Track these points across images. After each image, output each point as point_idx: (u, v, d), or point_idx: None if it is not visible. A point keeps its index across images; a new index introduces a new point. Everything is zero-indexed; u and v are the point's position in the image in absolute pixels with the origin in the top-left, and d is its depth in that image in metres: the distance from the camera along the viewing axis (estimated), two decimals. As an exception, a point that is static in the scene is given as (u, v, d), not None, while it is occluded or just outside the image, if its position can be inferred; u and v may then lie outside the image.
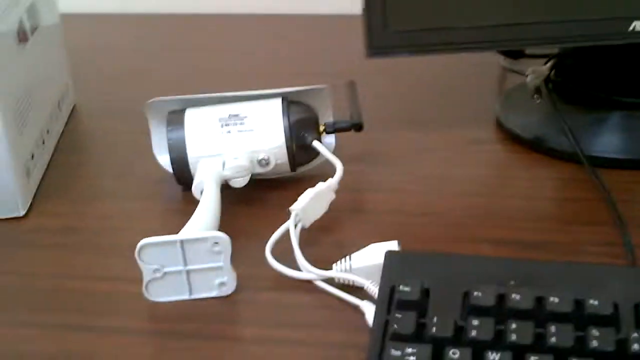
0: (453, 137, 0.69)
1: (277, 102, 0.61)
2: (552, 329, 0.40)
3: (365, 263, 0.51)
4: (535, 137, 0.66)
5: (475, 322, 0.41)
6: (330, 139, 0.64)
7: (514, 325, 0.41)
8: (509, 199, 0.60)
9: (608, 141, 0.64)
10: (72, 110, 0.77)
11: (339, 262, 0.51)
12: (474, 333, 0.41)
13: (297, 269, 0.52)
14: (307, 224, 0.56)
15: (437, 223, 0.58)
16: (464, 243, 0.55)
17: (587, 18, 0.61)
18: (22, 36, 0.65)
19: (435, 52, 0.63)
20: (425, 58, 0.66)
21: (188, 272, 0.50)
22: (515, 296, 0.42)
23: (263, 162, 0.60)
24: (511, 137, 0.68)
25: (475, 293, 0.43)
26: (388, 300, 0.45)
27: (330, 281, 0.51)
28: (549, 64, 0.71)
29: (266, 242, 0.53)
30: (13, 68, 0.62)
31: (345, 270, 0.51)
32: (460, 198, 0.61)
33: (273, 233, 0.54)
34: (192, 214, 0.53)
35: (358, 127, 0.64)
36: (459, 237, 0.56)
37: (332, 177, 0.58)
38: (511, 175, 0.63)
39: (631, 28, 0.60)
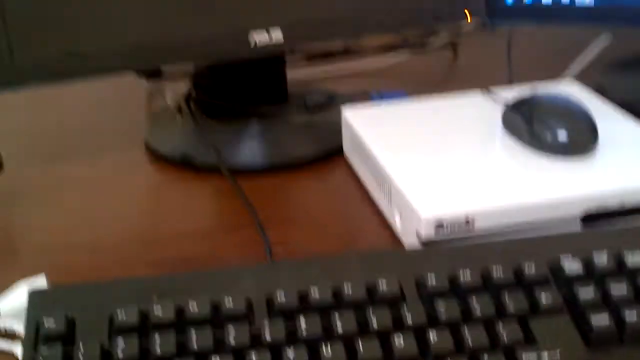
0: (104, 166, 0.69)
1: None
2: (192, 333, 0.42)
3: (14, 305, 0.49)
4: (182, 155, 0.68)
5: (120, 342, 0.42)
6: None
7: (157, 339, 0.42)
8: (162, 219, 0.61)
9: (248, 150, 0.68)
10: None
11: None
12: (120, 353, 0.42)
13: None
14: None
15: (89, 253, 0.57)
16: (119, 268, 0.55)
17: (212, 36, 0.64)
18: None
19: (67, 80, 0.61)
20: (66, 88, 0.65)
21: None
22: (157, 310, 0.44)
23: None
24: (161, 158, 0.69)
25: (119, 314, 0.43)
26: (34, 338, 0.44)
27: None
28: (187, 82, 0.74)
29: None
30: None
31: (-9, 317, 0.49)
32: (113, 225, 0.61)
33: None
34: None
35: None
36: (114, 264, 0.56)
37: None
38: (163, 195, 0.65)
39: (253, 44, 0.65)
